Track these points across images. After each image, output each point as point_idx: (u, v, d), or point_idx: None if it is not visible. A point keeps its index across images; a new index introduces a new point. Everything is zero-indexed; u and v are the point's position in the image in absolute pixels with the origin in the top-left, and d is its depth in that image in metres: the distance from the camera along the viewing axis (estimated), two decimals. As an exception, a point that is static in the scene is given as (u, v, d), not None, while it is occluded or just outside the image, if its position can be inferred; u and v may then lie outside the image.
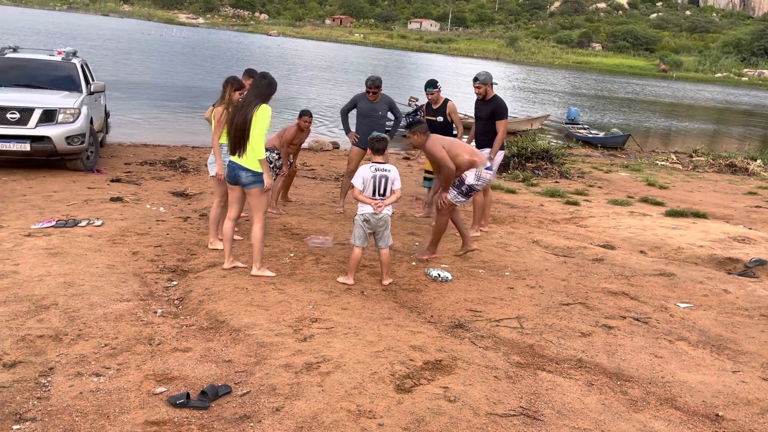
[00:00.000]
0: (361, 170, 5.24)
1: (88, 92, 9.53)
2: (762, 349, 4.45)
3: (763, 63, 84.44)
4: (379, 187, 5.19)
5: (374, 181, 5.18)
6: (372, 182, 5.18)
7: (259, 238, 5.17)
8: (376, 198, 5.19)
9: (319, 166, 11.49)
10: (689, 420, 3.45)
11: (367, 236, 5.28)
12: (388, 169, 5.23)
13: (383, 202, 5.21)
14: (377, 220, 5.23)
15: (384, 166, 5.24)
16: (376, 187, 5.18)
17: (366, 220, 5.24)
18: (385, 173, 5.21)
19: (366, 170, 5.22)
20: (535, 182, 11.18)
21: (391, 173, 5.23)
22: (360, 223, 5.26)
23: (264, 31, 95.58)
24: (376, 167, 5.21)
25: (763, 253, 6.87)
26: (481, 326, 4.55)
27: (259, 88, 5.07)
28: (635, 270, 6.14)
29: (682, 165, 15.64)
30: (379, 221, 5.25)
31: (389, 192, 5.23)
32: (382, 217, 5.23)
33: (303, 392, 3.40)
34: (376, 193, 5.20)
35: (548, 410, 3.43)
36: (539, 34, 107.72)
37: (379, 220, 5.24)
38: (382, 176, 5.19)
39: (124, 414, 3.12)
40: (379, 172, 5.20)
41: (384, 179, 5.19)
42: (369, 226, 5.24)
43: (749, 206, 10.36)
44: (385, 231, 5.31)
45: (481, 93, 7.12)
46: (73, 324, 4.10)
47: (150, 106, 17.65)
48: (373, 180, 5.19)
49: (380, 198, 5.20)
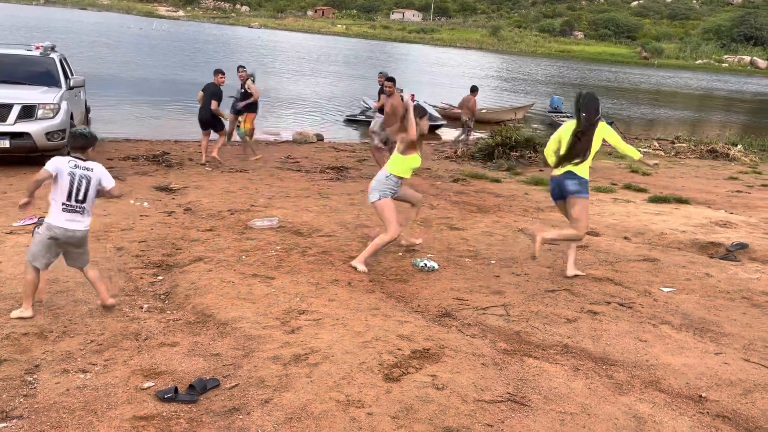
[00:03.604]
0: (56, 160, 4.07)
1: (67, 87, 9.40)
2: (743, 331, 4.53)
3: (742, 49, 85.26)
4: (77, 190, 4.05)
5: (72, 179, 4.04)
6: (69, 181, 4.03)
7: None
8: (74, 205, 4.05)
9: (304, 158, 11.45)
10: (673, 402, 3.51)
11: (53, 256, 4.14)
12: (90, 168, 4.11)
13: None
14: (69, 239, 4.08)
15: (87, 164, 4.12)
16: (73, 189, 4.04)
17: (54, 237, 4.05)
18: (87, 173, 4.09)
19: (63, 162, 4.06)
20: (519, 171, 11.23)
21: (94, 173, 4.11)
22: (44, 241, 4.05)
23: (245, 23, 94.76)
24: (76, 163, 4.08)
25: (744, 237, 6.98)
26: (467, 314, 4.57)
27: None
28: (619, 256, 6.20)
29: (664, 151, 15.77)
30: (73, 240, 4.10)
31: (90, 199, 4.11)
32: (77, 235, 4.10)
33: (291, 384, 3.41)
34: (73, 197, 4.05)
35: (535, 395, 3.47)
36: (522, 23, 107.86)
37: (71, 238, 4.08)
38: (83, 176, 4.06)
39: (112, 409, 3.11)
40: (79, 170, 4.07)
41: (85, 181, 4.07)
42: (55, 245, 4.09)
43: (730, 191, 10.49)
44: (83, 251, 4.22)
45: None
46: (58, 321, 4.07)
47: (131, 101, 17.46)
48: (70, 178, 4.04)
49: (78, 204, 4.07)
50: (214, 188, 8.32)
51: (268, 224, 6.54)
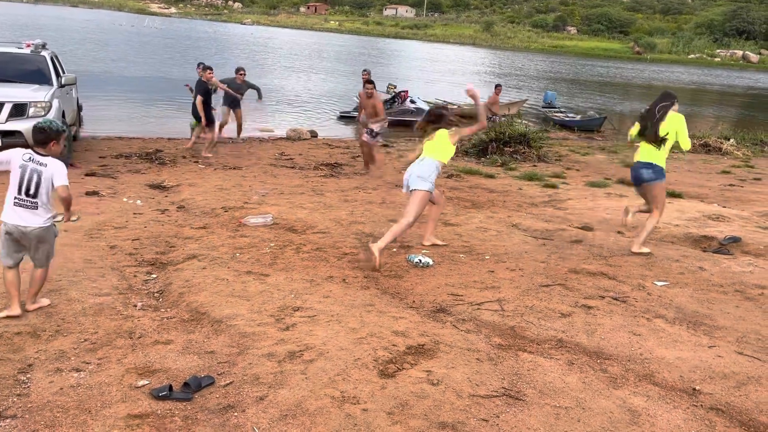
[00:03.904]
0: (11, 151, 4.01)
1: (58, 85, 9.35)
2: (736, 324, 4.55)
3: (734, 43, 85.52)
4: (29, 184, 3.92)
5: (22, 173, 3.93)
6: (20, 174, 3.93)
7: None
8: (23, 198, 3.94)
9: (298, 155, 11.43)
10: (667, 395, 3.52)
11: (17, 252, 4.05)
12: (44, 163, 3.96)
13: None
14: (22, 236, 3.97)
15: (42, 158, 3.97)
16: (24, 183, 3.92)
17: (8, 233, 3.97)
18: (40, 167, 3.94)
19: (17, 154, 3.98)
20: (513, 166, 11.24)
21: (47, 168, 3.95)
22: (2, 238, 3.99)
23: (238, 20, 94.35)
24: (31, 156, 3.96)
25: (737, 231, 7.01)
26: (462, 310, 4.58)
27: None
28: (613, 250, 6.22)
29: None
30: (28, 237, 3.98)
31: (43, 194, 3.96)
32: (31, 232, 3.97)
33: (286, 380, 3.40)
34: (23, 191, 3.92)
35: (530, 390, 3.48)
36: (515, 18, 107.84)
37: (26, 235, 3.98)
38: (34, 170, 3.93)
39: (106, 408, 3.10)
40: (32, 163, 3.93)
41: (36, 175, 3.92)
42: (12, 241, 4.00)
43: (723, 185, 10.54)
44: (43, 249, 4.07)
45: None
46: (51, 320, 4.05)
47: (124, 99, 17.37)
48: (21, 172, 3.92)
49: (28, 199, 3.93)
50: (208, 186, 8.30)
51: (262, 221, 6.53)
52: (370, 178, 9.59)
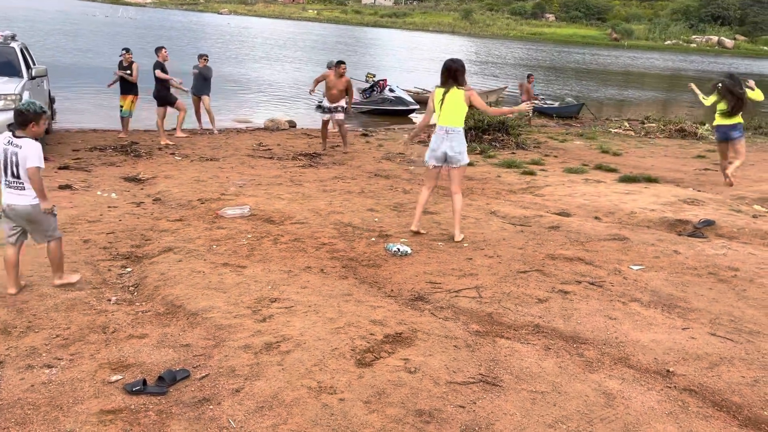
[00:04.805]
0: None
1: (29, 77, 9.16)
2: (710, 306, 4.61)
3: (710, 29, 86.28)
4: (10, 165, 4.17)
5: (5, 156, 4.16)
6: (3, 157, 4.17)
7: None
8: (10, 180, 4.19)
9: (276, 145, 11.34)
10: (642, 377, 3.56)
11: (15, 232, 4.34)
12: (19, 145, 4.15)
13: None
14: (14, 214, 4.25)
15: (18, 141, 4.17)
16: (7, 165, 4.18)
17: (4, 212, 4.27)
18: (15, 149, 4.14)
19: (2, 139, 4.22)
20: (492, 154, 11.26)
21: (22, 150, 4.14)
22: (2, 218, 4.31)
23: (215, 9, 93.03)
24: (10, 139, 4.18)
25: (711, 214, 7.10)
26: (440, 297, 4.58)
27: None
28: (590, 236, 6.26)
29: (634, 132, 15.96)
30: (19, 215, 4.25)
31: (23, 174, 4.16)
32: (21, 210, 4.22)
33: (263, 372, 3.38)
34: (9, 173, 4.18)
35: (507, 376, 3.49)
36: (493, 6, 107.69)
37: (16, 213, 4.24)
38: (12, 153, 4.14)
39: (78, 404, 3.06)
40: (11, 146, 4.16)
41: (14, 157, 4.14)
42: (9, 220, 4.30)
43: (698, 169, 10.66)
44: (38, 227, 4.33)
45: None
46: (22, 316, 3.98)
47: (98, 91, 16.99)
48: (3, 155, 4.16)
49: (14, 180, 4.18)
50: (184, 177, 8.20)
51: (240, 213, 6.47)
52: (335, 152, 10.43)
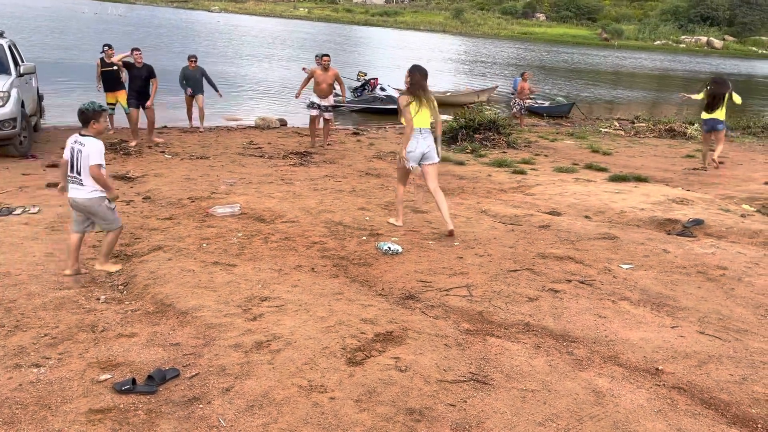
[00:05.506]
0: (71, 137, 4.66)
1: (17, 74, 9.08)
2: (699, 305, 4.64)
3: (699, 29, 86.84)
4: (75, 162, 4.55)
5: (72, 153, 4.57)
6: (70, 154, 4.57)
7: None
8: (73, 175, 4.59)
9: (267, 144, 11.31)
10: (631, 375, 3.58)
11: (84, 221, 4.75)
12: (83, 143, 4.54)
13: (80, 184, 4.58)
14: (76, 206, 4.65)
15: (82, 139, 4.56)
16: (73, 162, 4.56)
17: (70, 204, 4.69)
18: (80, 147, 4.53)
19: (72, 138, 4.62)
20: (483, 153, 11.29)
21: (85, 148, 4.52)
22: (71, 206, 4.73)
23: (205, 7, 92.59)
24: (76, 138, 4.58)
25: (700, 213, 7.15)
26: (431, 296, 4.59)
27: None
28: (580, 235, 6.29)
29: (624, 131, 16.03)
30: (79, 207, 4.65)
31: (84, 169, 4.53)
32: (80, 203, 4.62)
33: (253, 371, 3.37)
34: (74, 169, 4.57)
35: (497, 374, 3.50)
36: (484, 5, 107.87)
37: (78, 205, 4.64)
38: (78, 150, 4.53)
39: (67, 403, 3.03)
40: (77, 144, 4.55)
41: (78, 154, 4.53)
42: (74, 210, 4.71)
43: (687, 169, 10.73)
44: (98, 217, 4.71)
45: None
46: (10, 315, 3.95)
47: (87, 88, 16.88)
48: (71, 152, 4.57)
49: (76, 176, 4.57)
50: (174, 176, 8.16)
51: (230, 211, 6.45)
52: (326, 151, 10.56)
